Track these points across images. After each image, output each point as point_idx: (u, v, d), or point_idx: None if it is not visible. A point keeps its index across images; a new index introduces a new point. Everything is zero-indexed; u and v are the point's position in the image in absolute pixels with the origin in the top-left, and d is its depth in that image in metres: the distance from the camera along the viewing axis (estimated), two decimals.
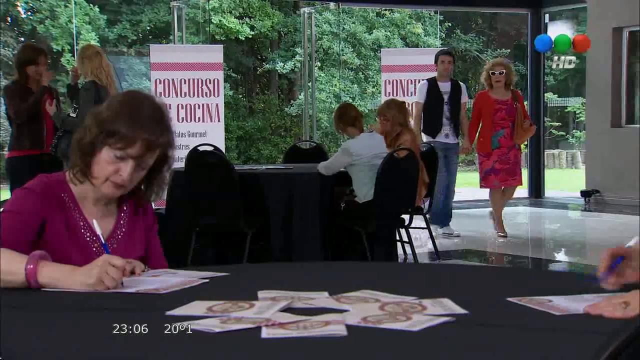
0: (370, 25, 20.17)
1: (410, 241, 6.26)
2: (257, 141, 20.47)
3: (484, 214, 10.87)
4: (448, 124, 8.31)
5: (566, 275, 3.37)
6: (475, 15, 22.31)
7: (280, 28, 20.91)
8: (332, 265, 2.96)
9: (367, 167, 5.84)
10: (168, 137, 2.18)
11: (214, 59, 10.24)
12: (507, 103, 8.13)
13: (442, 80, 8.42)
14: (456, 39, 21.18)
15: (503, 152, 8.12)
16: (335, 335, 1.52)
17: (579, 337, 1.51)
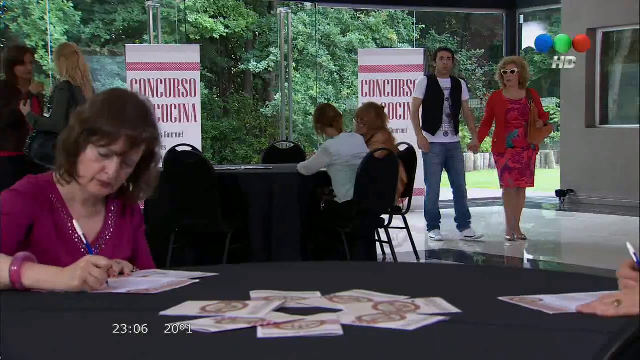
0: (345, 28, 20.19)
1: (389, 241, 6.28)
2: (232, 141, 20.42)
3: None
4: (448, 121, 8.09)
5: (555, 274, 3.39)
6: (449, 16, 22.41)
7: (254, 28, 20.86)
8: (321, 265, 2.96)
9: (346, 167, 5.85)
10: (152, 132, 2.16)
11: (190, 59, 10.20)
12: (520, 102, 7.87)
13: (441, 76, 8.15)
14: (431, 40, 21.26)
15: (517, 152, 7.89)
16: (331, 335, 1.53)
17: (576, 335, 1.52)
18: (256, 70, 20.06)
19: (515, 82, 7.88)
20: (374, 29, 20.22)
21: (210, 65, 20.61)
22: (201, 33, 19.39)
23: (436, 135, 8.06)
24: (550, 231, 9.91)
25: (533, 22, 15.46)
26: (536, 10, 14.41)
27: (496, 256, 7.82)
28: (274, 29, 19.68)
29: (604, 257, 7.24)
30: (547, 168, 19.89)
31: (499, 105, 7.89)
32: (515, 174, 7.92)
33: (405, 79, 10.48)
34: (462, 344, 1.49)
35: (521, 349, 1.44)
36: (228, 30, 19.94)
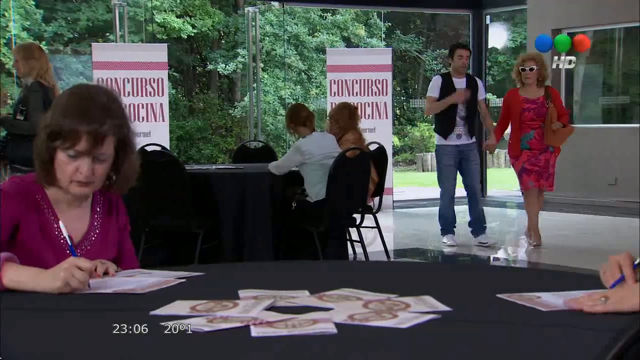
0: (313, 27, 20.21)
1: (361, 240, 6.30)
2: (198, 141, 20.33)
3: (426, 212, 11.00)
4: (462, 124, 7.59)
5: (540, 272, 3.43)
6: (414, 16, 22.52)
7: (221, 28, 20.79)
8: (306, 264, 2.96)
9: (318, 167, 5.85)
10: (116, 121, 2.12)
11: (158, 58, 10.14)
12: (536, 102, 7.39)
13: (457, 76, 7.64)
14: (396, 40, 21.35)
15: (534, 155, 7.46)
16: (326, 333, 1.53)
17: (568, 332, 1.54)
18: (225, 71, 20.00)
19: (533, 80, 7.40)
20: (342, 26, 20.26)
21: (176, 64, 20.50)
22: (167, 32, 19.28)
23: (448, 138, 7.64)
24: (517, 230, 10.01)
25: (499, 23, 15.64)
26: (502, 11, 14.55)
27: (465, 254, 7.87)
28: (242, 28, 19.61)
29: (573, 255, 7.33)
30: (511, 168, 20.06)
31: (514, 104, 7.45)
32: (534, 175, 7.51)
33: (374, 79, 10.52)
34: (456, 341, 1.50)
35: (514, 346, 1.45)
36: (195, 30, 19.85)
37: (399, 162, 19.23)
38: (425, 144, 20.91)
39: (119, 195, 2.36)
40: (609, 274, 1.77)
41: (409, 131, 21.42)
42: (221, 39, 21.34)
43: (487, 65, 12.95)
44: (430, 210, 11.21)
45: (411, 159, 20.31)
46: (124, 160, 2.21)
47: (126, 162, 2.22)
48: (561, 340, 1.47)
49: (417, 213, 11.02)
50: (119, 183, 2.26)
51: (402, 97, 23.06)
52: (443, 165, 7.70)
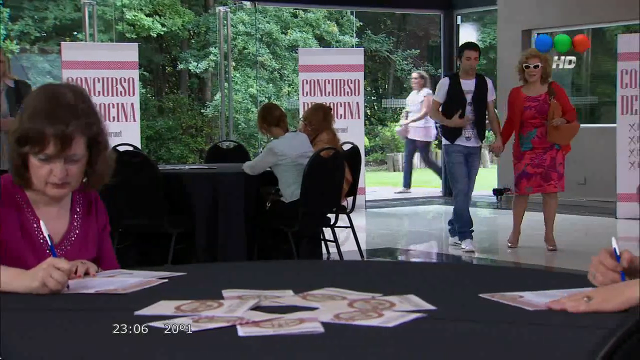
0: (285, 25, 20.18)
1: (335, 240, 6.31)
2: (168, 141, 20.21)
3: (397, 212, 11.06)
4: (471, 127, 7.25)
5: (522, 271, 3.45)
6: (384, 16, 22.59)
7: (191, 27, 20.69)
8: (288, 264, 2.96)
9: (292, 167, 5.85)
10: (84, 121, 2.10)
11: (128, 58, 10.07)
12: (538, 99, 7.14)
13: (465, 77, 7.30)
14: (367, 40, 21.38)
15: (537, 155, 7.16)
16: (313, 333, 1.53)
17: (554, 331, 1.55)
18: (196, 70, 19.91)
19: (537, 77, 7.14)
20: (314, 24, 20.25)
21: (146, 63, 20.37)
22: (137, 31, 19.15)
23: (457, 140, 7.30)
24: (489, 229, 10.08)
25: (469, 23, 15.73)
26: (473, 12, 14.64)
27: (435, 254, 7.91)
28: (212, 28, 19.53)
29: (544, 254, 7.39)
30: (482, 167, 20.21)
31: (515, 103, 7.23)
32: (536, 179, 7.20)
33: (346, 79, 10.53)
34: (444, 340, 1.50)
35: (502, 345, 1.46)
36: (164, 29, 19.74)
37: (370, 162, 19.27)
38: (395, 143, 20.95)
39: (98, 195, 2.34)
40: (599, 275, 1.78)
41: (380, 131, 21.47)
42: (191, 38, 21.23)
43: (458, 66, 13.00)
44: (402, 210, 11.28)
45: (382, 159, 20.35)
46: (97, 158, 2.19)
47: (99, 159, 2.20)
48: (550, 340, 1.48)
49: (390, 213, 11.06)
50: (93, 180, 2.24)
51: (373, 97, 23.11)
52: (453, 164, 7.33)
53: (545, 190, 7.27)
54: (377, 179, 16.39)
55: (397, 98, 22.74)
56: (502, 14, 11.78)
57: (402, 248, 8.33)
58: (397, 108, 22.81)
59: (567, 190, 7.80)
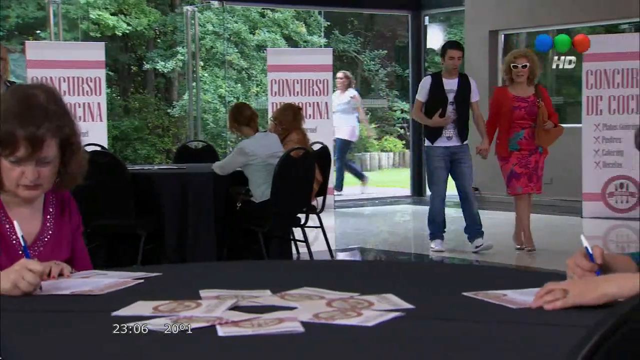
0: (253, 25, 20.11)
1: (306, 240, 6.31)
2: (134, 141, 20.07)
3: (366, 212, 11.09)
4: (452, 127, 7.11)
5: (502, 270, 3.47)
6: (352, 16, 22.62)
7: (157, 26, 20.56)
8: (263, 264, 2.95)
9: (263, 167, 5.83)
10: (55, 123, 2.07)
11: (95, 57, 9.99)
12: (527, 100, 7.03)
13: (448, 77, 7.16)
14: (334, 40, 21.39)
15: (523, 155, 7.07)
16: (293, 332, 1.52)
17: (539, 329, 1.56)
18: (164, 70, 19.78)
19: (525, 78, 7.04)
20: (282, 24, 20.21)
21: (111, 63, 20.20)
22: (102, 30, 18.99)
23: (438, 140, 7.16)
24: (456, 228, 10.14)
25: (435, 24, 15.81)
26: (440, 12, 14.72)
27: (403, 253, 7.94)
28: (180, 27, 19.42)
29: (512, 253, 7.44)
30: None
31: (503, 103, 7.06)
32: (523, 179, 7.11)
33: (315, 79, 10.52)
34: (423, 338, 1.51)
35: (482, 344, 1.47)
36: (130, 28, 19.60)
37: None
38: (363, 144, 20.98)
39: (71, 195, 2.32)
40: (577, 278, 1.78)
41: None
42: (157, 38, 21.10)
43: (425, 66, 13.07)
44: (371, 209, 11.31)
45: (350, 159, 20.37)
46: (69, 159, 2.17)
47: (72, 161, 2.18)
48: (531, 339, 1.49)
49: (358, 213, 11.08)
50: (65, 181, 2.21)
51: None
52: (432, 168, 7.22)
53: (528, 191, 7.17)
54: (345, 179, 16.39)
55: (365, 98, 22.79)
56: (469, 14, 11.86)
57: (371, 248, 8.36)
58: (365, 108, 22.86)
59: None
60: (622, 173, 9.42)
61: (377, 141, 21.53)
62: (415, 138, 12.72)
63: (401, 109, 21.86)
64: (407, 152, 19.90)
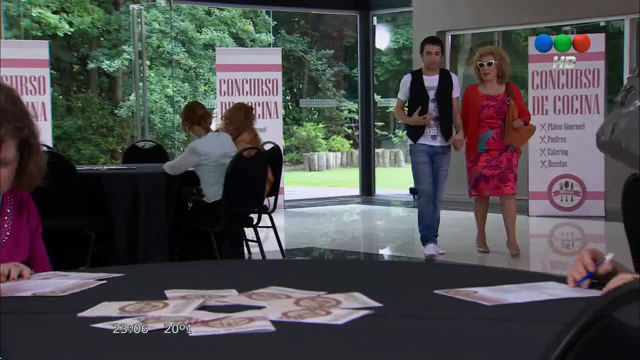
0: (200, 24, 20.01)
1: (258, 240, 6.29)
2: (77, 141, 19.79)
3: (316, 212, 11.10)
4: (435, 125, 6.91)
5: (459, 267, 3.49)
6: (298, 16, 22.64)
7: (101, 25, 20.29)
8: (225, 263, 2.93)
9: (215, 167, 5.80)
10: (13, 124, 2.03)
11: (38, 56, 9.83)
12: (497, 99, 6.90)
13: (428, 73, 6.98)
14: (281, 39, 21.39)
15: (493, 156, 6.91)
16: (264, 331, 1.51)
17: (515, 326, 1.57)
18: (109, 69, 19.54)
19: (493, 76, 6.91)
20: (229, 22, 20.15)
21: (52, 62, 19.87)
22: (43, 29, 18.67)
23: (421, 139, 6.97)
24: (406, 227, 10.21)
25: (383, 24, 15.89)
26: (389, 13, 14.80)
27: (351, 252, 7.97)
28: (124, 26, 19.19)
29: (461, 251, 7.52)
30: (396, 167, 20.49)
31: (472, 102, 6.94)
32: (494, 182, 6.94)
33: (264, 79, 10.51)
34: (395, 335, 1.51)
35: (454, 342, 1.47)
36: (72, 27, 19.31)
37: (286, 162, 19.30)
38: (311, 143, 21.04)
39: (30, 195, 2.28)
40: (574, 271, 1.80)
41: (295, 131, 21.51)
42: (102, 37, 20.83)
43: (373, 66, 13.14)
44: (321, 209, 11.32)
45: (298, 159, 20.41)
46: (28, 160, 2.13)
47: (31, 162, 2.14)
48: (507, 335, 1.51)
49: (308, 212, 11.09)
50: (24, 182, 2.17)
51: (287, 96, 23.14)
52: (417, 163, 7.00)
53: (502, 192, 6.98)
54: (294, 179, 16.41)
55: (313, 98, 22.83)
56: (417, 15, 11.96)
57: (321, 247, 8.37)
58: (312, 108, 22.90)
59: None
60: (566, 172, 9.60)
61: (325, 141, 21.58)
62: (364, 138, 12.78)
63: (349, 108, 21.95)
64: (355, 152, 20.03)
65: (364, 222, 10.94)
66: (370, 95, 12.85)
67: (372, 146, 12.87)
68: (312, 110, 22.95)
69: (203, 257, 5.96)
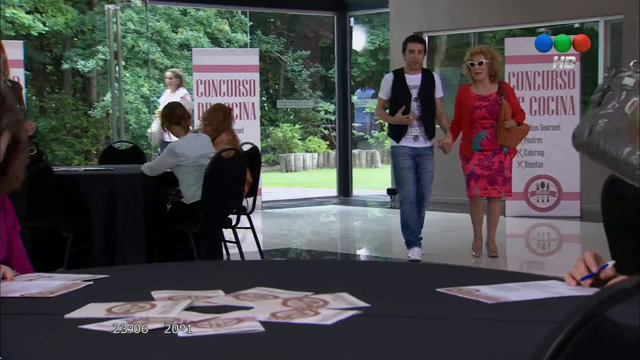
0: (176, 24, 19.91)
1: (237, 241, 6.28)
2: (51, 142, 19.62)
3: (293, 213, 11.09)
4: (417, 125, 6.75)
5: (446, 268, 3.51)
6: (274, 17, 22.62)
7: (76, 25, 20.15)
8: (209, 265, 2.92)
9: (193, 168, 5.78)
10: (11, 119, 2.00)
11: (13, 56, 9.69)
12: (489, 99, 6.78)
13: (410, 72, 6.83)
14: (257, 40, 21.35)
15: (486, 156, 6.81)
16: (253, 332, 1.52)
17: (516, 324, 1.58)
18: (84, 69, 19.40)
19: (484, 75, 6.78)
20: (205, 22, 20.07)
21: (26, 62, 19.68)
22: (16, 29, 18.51)
23: (403, 139, 6.81)
24: (383, 228, 10.25)
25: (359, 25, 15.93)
26: (366, 14, 14.84)
27: (330, 253, 7.97)
28: (99, 26, 19.06)
29: (441, 251, 7.55)
30: (373, 167, 20.52)
31: (464, 102, 6.83)
32: (483, 182, 6.83)
33: (241, 79, 10.49)
34: (386, 336, 1.52)
35: (449, 341, 1.48)
36: (46, 27, 19.16)
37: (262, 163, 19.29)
38: (288, 144, 21.02)
39: (5, 194, 2.25)
40: (574, 270, 1.81)
41: (272, 132, 21.49)
42: (76, 37, 20.68)
43: (350, 67, 13.16)
44: (298, 210, 11.32)
45: (274, 160, 20.39)
46: (14, 159, 2.10)
47: (16, 162, 2.11)
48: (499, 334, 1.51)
49: (286, 213, 11.09)
50: (5, 183, 2.14)
51: (264, 97, 23.12)
52: (399, 169, 6.84)
53: (489, 194, 6.88)
54: (271, 180, 16.39)
55: (289, 99, 22.81)
56: (393, 16, 12.00)
57: (298, 248, 8.38)
58: (288, 109, 22.89)
59: (459, 189, 7.85)
60: (543, 173, 9.67)
61: (302, 142, 21.57)
62: (342, 139, 12.80)
63: (325, 109, 21.96)
64: (332, 153, 20.02)
65: (341, 222, 10.96)
66: (348, 96, 12.87)
67: (349, 147, 12.89)
68: (289, 111, 22.93)
69: (182, 259, 5.94)
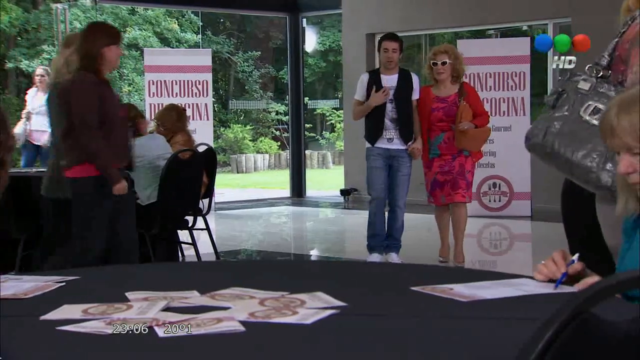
0: (124, 23, 19.68)
1: (193, 242, 6.25)
2: None
3: (246, 214, 11.07)
4: (392, 127, 6.46)
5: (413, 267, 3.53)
6: (224, 17, 22.51)
7: (19, 24, 19.80)
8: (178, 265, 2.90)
9: (149, 169, 5.73)
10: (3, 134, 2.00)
11: None
12: (447, 100, 6.43)
13: (386, 72, 6.52)
14: (207, 40, 21.23)
15: (446, 161, 6.44)
16: (234, 331, 1.51)
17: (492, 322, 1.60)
18: (28, 69, 19.07)
19: (447, 76, 6.42)
20: (154, 22, 19.89)
21: None
22: None
23: (378, 142, 6.54)
24: (337, 228, 10.28)
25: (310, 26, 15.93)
26: (319, 15, 14.86)
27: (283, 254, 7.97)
28: (44, 24, 18.78)
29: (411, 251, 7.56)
30: (324, 168, 20.56)
31: (424, 103, 6.49)
32: (447, 188, 6.46)
33: (194, 80, 10.43)
34: (366, 334, 1.53)
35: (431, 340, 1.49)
36: None
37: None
38: (239, 145, 20.94)
39: None
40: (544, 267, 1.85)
41: (222, 133, 21.38)
42: (19, 36, 20.33)
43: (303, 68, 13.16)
44: (251, 211, 11.29)
45: (225, 161, 20.28)
46: None
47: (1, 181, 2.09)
48: (482, 332, 1.53)
49: (238, 214, 11.06)
50: None
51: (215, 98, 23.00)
52: (370, 168, 6.60)
53: (453, 199, 6.48)
54: (222, 181, 16.31)
55: (239, 99, 22.73)
56: (346, 17, 12.03)
57: (253, 249, 8.37)
58: (239, 110, 22.81)
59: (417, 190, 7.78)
60: (495, 173, 9.78)
61: (253, 143, 21.51)
62: (295, 140, 12.80)
63: (276, 110, 21.93)
64: (283, 154, 20.01)
65: (294, 223, 10.96)
66: (301, 97, 12.88)
67: (302, 148, 12.90)
68: (239, 112, 22.84)
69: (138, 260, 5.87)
